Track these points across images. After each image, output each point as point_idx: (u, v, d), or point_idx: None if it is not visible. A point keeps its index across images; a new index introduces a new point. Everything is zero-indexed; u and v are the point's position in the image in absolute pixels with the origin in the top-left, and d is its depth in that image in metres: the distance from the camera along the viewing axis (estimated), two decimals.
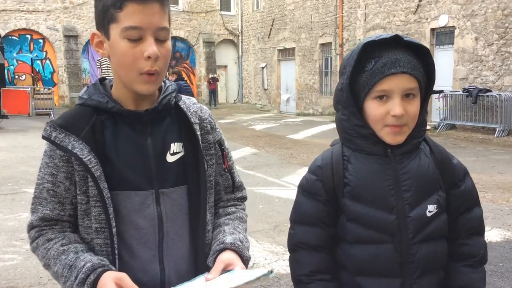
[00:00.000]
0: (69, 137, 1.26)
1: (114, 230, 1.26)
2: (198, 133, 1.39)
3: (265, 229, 5.47)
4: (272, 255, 4.67)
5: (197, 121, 1.41)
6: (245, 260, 1.33)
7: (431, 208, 1.39)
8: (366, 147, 1.40)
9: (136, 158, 1.31)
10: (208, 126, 1.45)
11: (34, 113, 19.62)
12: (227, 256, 1.30)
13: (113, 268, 1.23)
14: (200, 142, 1.39)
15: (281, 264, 4.44)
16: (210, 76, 25.98)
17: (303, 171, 7.51)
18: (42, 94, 20.55)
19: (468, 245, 1.45)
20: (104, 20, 1.25)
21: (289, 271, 4.66)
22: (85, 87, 1.38)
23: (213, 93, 25.72)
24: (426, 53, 1.38)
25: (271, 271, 1.16)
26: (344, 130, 1.45)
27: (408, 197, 1.38)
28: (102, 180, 1.25)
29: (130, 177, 1.30)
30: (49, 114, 19.44)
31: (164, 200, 1.33)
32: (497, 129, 12.64)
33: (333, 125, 9.85)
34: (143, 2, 1.21)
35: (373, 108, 1.36)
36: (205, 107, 1.51)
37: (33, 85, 21.28)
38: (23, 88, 21.02)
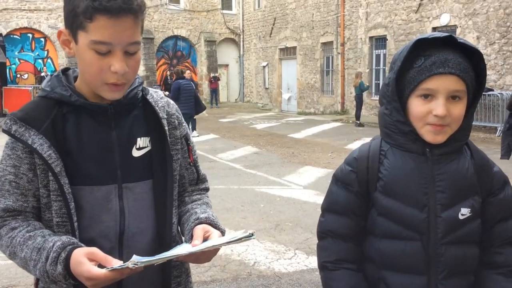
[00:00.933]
0: (29, 131, 1.24)
1: (75, 224, 1.26)
2: (166, 128, 1.38)
3: (266, 228, 5.47)
4: (273, 254, 4.68)
5: (165, 116, 1.40)
6: (221, 232, 1.34)
7: (464, 212, 1.38)
8: (405, 143, 1.40)
9: (100, 152, 1.30)
10: (176, 121, 1.44)
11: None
12: (203, 226, 1.32)
13: (82, 245, 1.22)
14: (168, 138, 1.38)
15: (282, 263, 4.44)
16: (212, 75, 25.97)
17: (304, 170, 7.52)
18: (40, 90, 20.54)
19: (502, 254, 1.44)
20: (72, 23, 1.22)
21: (290, 270, 4.67)
22: (48, 77, 1.36)
23: (214, 92, 25.71)
24: (479, 58, 1.36)
25: (252, 234, 1.18)
26: (385, 125, 1.44)
27: (441, 198, 1.37)
28: (62, 175, 1.23)
29: (93, 171, 1.29)
30: None
31: (127, 194, 1.33)
32: (499, 128, 12.62)
33: (334, 124, 9.84)
34: (115, 17, 1.17)
35: (416, 106, 1.36)
36: (172, 101, 1.50)
37: (36, 83, 21.22)
38: (24, 87, 21.05)
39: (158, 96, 1.44)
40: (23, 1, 22.93)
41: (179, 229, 1.48)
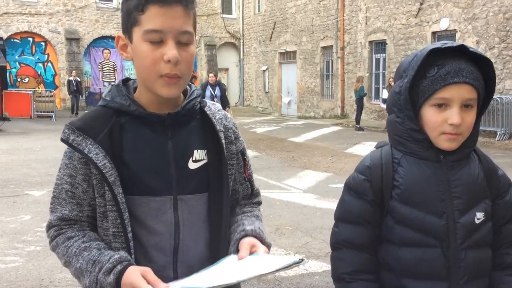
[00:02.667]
0: (86, 140, 1.25)
1: (130, 235, 1.25)
2: (223, 141, 1.37)
3: (266, 232, 5.45)
4: None
5: (222, 129, 1.39)
6: (267, 246, 1.34)
7: (479, 216, 1.41)
8: (419, 151, 1.41)
9: (156, 163, 1.29)
10: (232, 136, 1.43)
11: (36, 115, 19.67)
12: (250, 240, 1.31)
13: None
14: (225, 151, 1.37)
15: None
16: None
17: (304, 174, 7.51)
18: (43, 96, 20.60)
19: (511, 255, 1.47)
20: (127, 23, 1.25)
21: (290, 274, 4.64)
22: (109, 87, 1.36)
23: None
24: (489, 66, 1.39)
25: (302, 259, 1.15)
26: (396, 132, 1.45)
27: (458, 204, 1.39)
28: (116, 185, 1.23)
29: (149, 182, 1.28)
30: (50, 117, 19.47)
31: (182, 206, 1.32)
32: (499, 133, 12.64)
33: (334, 128, 9.84)
34: (165, 5, 1.19)
35: (431, 115, 1.37)
36: (229, 115, 1.49)
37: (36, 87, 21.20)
38: (25, 90, 21.07)
39: (215, 109, 1.43)
40: (24, 5, 22.98)
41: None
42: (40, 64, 23.89)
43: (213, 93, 12.35)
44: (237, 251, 1.32)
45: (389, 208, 1.43)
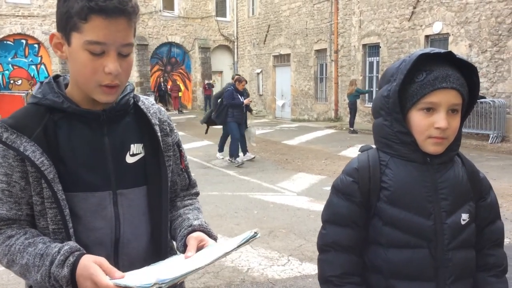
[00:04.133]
0: (20, 138, 1.23)
1: (71, 231, 1.25)
2: (159, 134, 1.39)
3: (259, 234, 5.45)
4: (266, 260, 4.67)
5: (157, 123, 1.41)
6: (214, 239, 1.35)
7: (465, 217, 1.45)
8: (406, 153, 1.45)
9: (93, 159, 1.29)
10: (167, 128, 1.45)
11: None
12: (197, 235, 1.32)
13: (85, 252, 1.21)
14: (161, 144, 1.39)
15: (276, 270, 4.43)
16: (206, 82, 25.99)
17: (298, 177, 7.51)
18: (30, 97, 20.45)
19: (493, 256, 1.52)
20: (66, 25, 1.22)
21: (283, 277, 4.64)
22: (38, 84, 1.35)
23: (208, 98, 25.67)
24: (473, 72, 1.43)
25: (256, 232, 1.18)
26: (383, 135, 1.48)
27: (445, 205, 1.43)
28: (56, 182, 1.23)
29: (87, 178, 1.28)
30: None
31: (121, 200, 1.33)
32: (491, 136, 12.71)
33: (328, 131, 9.83)
34: (110, 18, 1.18)
35: (419, 119, 1.41)
36: (163, 108, 1.51)
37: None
38: (18, 93, 20.95)
39: (149, 103, 1.45)
40: (17, 7, 22.87)
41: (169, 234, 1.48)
42: (33, 66, 23.78)
43: (242, 100, 10.37)
44: (184, 246, 1.33)
45: (377, 209, 1.46)
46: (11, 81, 23.26)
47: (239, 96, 10.33)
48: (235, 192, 7.57)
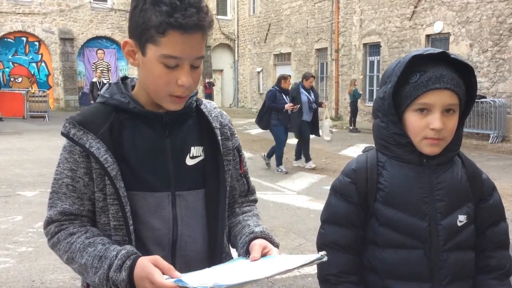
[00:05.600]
0: (87, 135, 1.26)
1: (131, 228, 1.27)
2: (219, 138, 1.40)
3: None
4: None
5: (218, 126, 1.42)
6: (276, 246, 1.34)
7: (462, 219, 1.44)
8: (403, 155, 1.45)
9: (154, 159, 1.32)
10: (228, 132, 1.46)
11: (29, 115, 19.56)
12: (261, 242, 1.31)
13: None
14: (221, 148, 1.40)
15: None
16: (207, 80, 25.95)
17: (298, 176, 7.50)
18: (37, 96, 20.48)
19: (495, 258, 1.50)
20: (142, 35, 1.23)
21: (283, 276, 4.60)
22: (107, 85, 1.38)
23: (209, 97, 25.73)
24: (470, 72, 1.42)
25: (323, 256, 1.16)
26: (381, 137, 1.48)
27: (441, 206, 1.42)
28: (118, 179, 1.25)
29: (147, 178, 1.30)
30: (44, 117, 19.37)
31: (180, 202, 1.34)
32: (491, 135, 12.71)
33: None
34: (187, 33, 1.19)
35: (413, 120, 1.41)
36: (224, 112, 1.51)
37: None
38: (18, 90, 20.95)
39: (211, 106, 1.46)
40: (18, 4, 22.85)
41: (228, 239, 1.47)
42: (34, 64, 23.77)
43: (310, 98, 9.38)
44: (246, 253, 1.32)
45: (374, 210, 1.46)
46: (12, 79, 23.25)
47: (284, 97, 8.99)
48: None
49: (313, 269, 4.32)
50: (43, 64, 23.95)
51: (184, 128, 1.37)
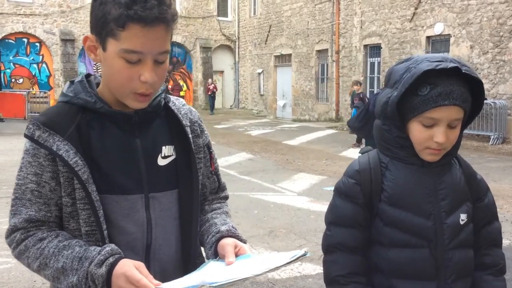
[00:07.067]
0: (53, 136, 1.19)
1: (105, 232, 1.21)
2: (190, 136, 1.36)
3: (260, 234, 5.47)
4: None
5: (188, 124, 1.38)
6: (244, 242, 1.31)
7: (463, 217, 1.48)
8: (405, 157, 1.47)
9: (125, 161, 1.26)
10: (198, 129, 1.42)
11: (30, 116, 19.55)
12: (230, 241, 1.28)
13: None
14: (192, 146, 1.35)
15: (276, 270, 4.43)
16: (210, 81, 25.62)
17: (299, 177, 7.51)
18: (38, 97, 20.52)
19: (490, 256, 1.54)
20: (102, 30, 1.18)
21: (283, 277, 4.63)
22: (68, 83, 1.31)
23: (211, 98, 25.67)
24: (479, 87, 1.42)
25: (306, 252, 1.16)
26: (383, 139, 1.50)
27: (445, 205, 1.45)
28: (90, 183, 1.19)
29: (119, 180, 1.25)
30: None
31: (153, 204, 1.29)
32: (492, 137, 12.70)
33: (329, 131, 9.78)
34: (148, 26, 1.14)
35: (418, 131, 1.42)
36: (193, 109, 1.47)
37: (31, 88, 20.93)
38: (19, 91, 20.97)
39: (180, 104, 1.41)
40: (19, 5, 22.88)
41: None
42: (35, 65, 23.78)
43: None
44: (215, 254, 1.30)
45: (378, 210, 1.48)
46: (13, 80, 23.27)
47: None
48: (235, 192, 7.55)
49: (313, 270, 4.33)
50: (44, 65, 23.97)
51: (153, 127, 1.32)
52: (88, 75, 1.35)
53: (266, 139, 14.74)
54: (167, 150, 1.33)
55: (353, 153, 11.38)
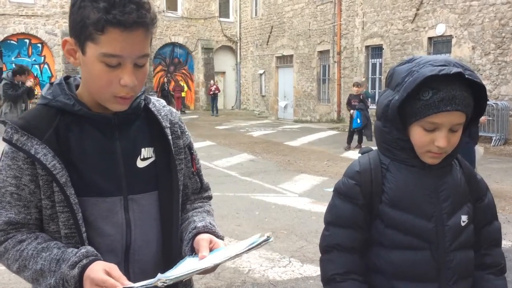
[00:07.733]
0: (31, 140, 1.20)
1: (84, 235, 1.22)
2: (170, 137, 1.36)
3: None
4: (268, 261, 4.66)
5: (168, 125, 1.38)
6: (221, 239, 1.32)
7: (464, 218, 1.48)
8: (406, 158, 1.47)
9: (104, 163, 1.27)
10: (179, 130, 1.42)
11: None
12: (205, 236, 1.29)
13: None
14: (172, 147, 1.36)
15: (277, 271, 4.43)
16: (213, 83, 25.58)
17: (300, 178, 7.50)
18: (39, 98, 20.51)
19: (491, 255, 1.55)
20: (81, 33, 1.18)
21: (284, 278, 4.63)
22: (48, 85, 1.32)
23: (213, 99, 25.67)
24: (482, 91, 1.40)
25: (269, 237, 1.16)
26: (384, 140, 1.49)
27: (446, 207, 1.45)
28: (68, 186, 1.20)
29: (98, 183, 1.25)
30: None
31: (132, 206, 1.30)
32: (494, 138, 12.68)
33: (330, 132, 9.79)
34: (127, 30, 1.14)
35: (419, 135, 1.41)
36: (174, 109, 1.47)
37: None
38: None
39: (160, 105, 1.41)
40: (21, 6, 22.93)
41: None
42: (37, 66, 23.82)
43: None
44: (191, 250, 1.30)
45: (379, 212, 1.47)
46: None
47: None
48: (236, 193, 7.56)
49: (314, 272, 4.32)
50: (46, 66, 24.01)
51: (133, 129, 1.33)
52: (67, 77, 1.35)
53: (268, 140, 14.73)
54: (146, 152, 1.33)
55: (355, 155, 11.35)
